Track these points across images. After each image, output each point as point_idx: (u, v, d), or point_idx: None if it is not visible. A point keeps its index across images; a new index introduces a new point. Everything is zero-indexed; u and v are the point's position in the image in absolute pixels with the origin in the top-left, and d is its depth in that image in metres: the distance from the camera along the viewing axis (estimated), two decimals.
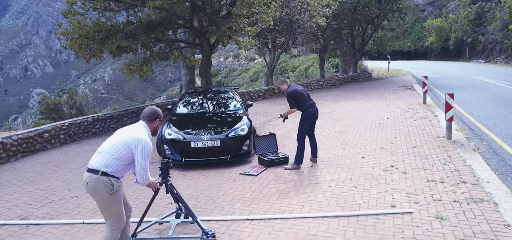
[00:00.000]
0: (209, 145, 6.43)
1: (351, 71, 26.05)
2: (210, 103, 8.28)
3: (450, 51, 46.44)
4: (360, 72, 26.05)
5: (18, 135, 8.11)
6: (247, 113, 7.83)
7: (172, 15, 9.92)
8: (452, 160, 6.04)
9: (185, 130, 6.81)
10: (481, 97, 13.47)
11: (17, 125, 61.52)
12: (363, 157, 6.54)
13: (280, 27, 17.57)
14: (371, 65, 33.42)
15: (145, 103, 39.28)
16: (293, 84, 6.29)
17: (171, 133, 6.67)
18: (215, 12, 10.16)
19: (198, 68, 13.34)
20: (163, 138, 6.67)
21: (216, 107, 8.12)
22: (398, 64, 36.90)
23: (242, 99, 8.64)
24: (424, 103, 12.56)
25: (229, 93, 8.70)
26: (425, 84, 12.83)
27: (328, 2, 17.61)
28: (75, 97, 29.02)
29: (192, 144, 6.44)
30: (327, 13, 17.56)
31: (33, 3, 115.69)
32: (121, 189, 3.20)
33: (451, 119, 7.43)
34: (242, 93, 14.65)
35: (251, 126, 7.10)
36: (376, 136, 8.10)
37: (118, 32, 9.51)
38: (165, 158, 5.83)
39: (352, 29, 24.26)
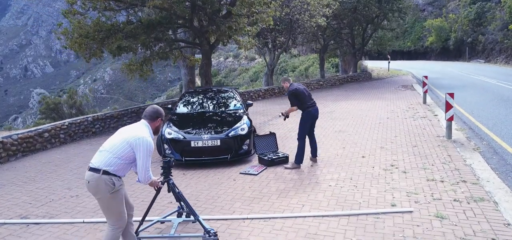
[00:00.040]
0: (209, 145, 6.43)
1: (351, 71, 26.04)
2: (210, 102, 8.27)
3: (450, 51, 46.42)
4: (360, 72, 26.05)
5: (18, 134, 8.11)
6: (247, 112, 7.82)
7: (172, 15, 9.92)
8: (452, 160, 6.05)
9: (185, 129, 6.81)
10: (481, 97, 13.47)
11: (17, 125, 61.49)
12: (363, 157, 6.54)
13: (280, 27, 17.56)
14: (371, 65, 33.41)
15: (145, 103, 39.24)
16: (295, 83, 6.30)
17: (171, 132, 6.67)
18: (215, 12, 10.16)
19: (198, 68, 13.33)
20: (163, 137, 6.68)
21: (216, 106, 8.11)
22: (398, 64, 36.88)
23: (242, 98, 8.64)
24: (424, 102, 12.56)
25: (229, 92, 8.70)
26: (425, 84, 12.84)
27: (328, 2, 17.59)
28: (75, 97, 28.97)
29: (192, 144, 6.44)
30: (327, 13, 17.54)
31: (33, 3, 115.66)
32: (122, 188, 3.19)
33: (451, 118, 7.43)
34: (242, 92, 14.65)
35: (251, 126, 7.10)
36: (376, 136, 8.10)
37: (118, 32, 9.51)
38: (166, 157, 5.83)
39: (352, 29, 24.24)
